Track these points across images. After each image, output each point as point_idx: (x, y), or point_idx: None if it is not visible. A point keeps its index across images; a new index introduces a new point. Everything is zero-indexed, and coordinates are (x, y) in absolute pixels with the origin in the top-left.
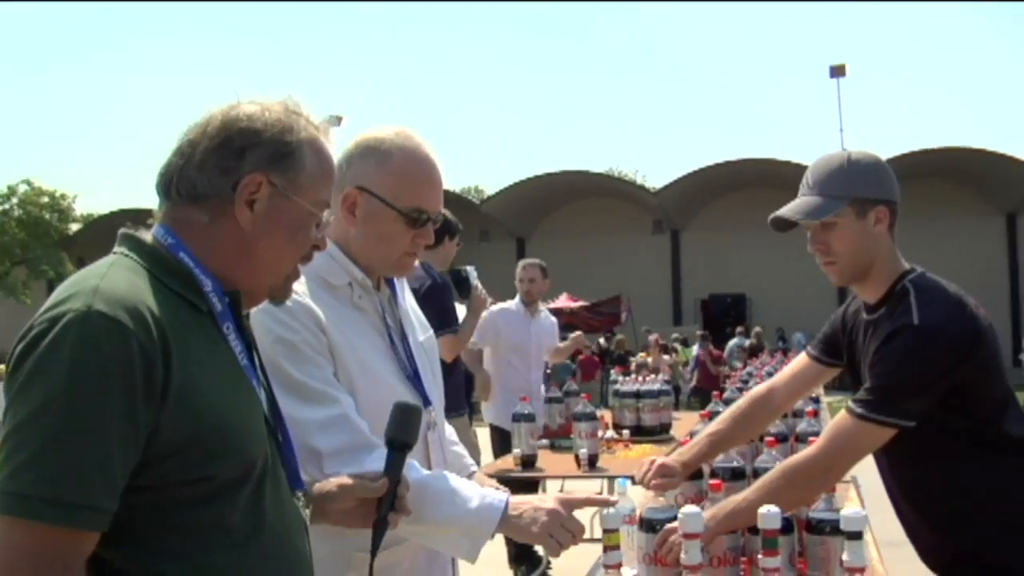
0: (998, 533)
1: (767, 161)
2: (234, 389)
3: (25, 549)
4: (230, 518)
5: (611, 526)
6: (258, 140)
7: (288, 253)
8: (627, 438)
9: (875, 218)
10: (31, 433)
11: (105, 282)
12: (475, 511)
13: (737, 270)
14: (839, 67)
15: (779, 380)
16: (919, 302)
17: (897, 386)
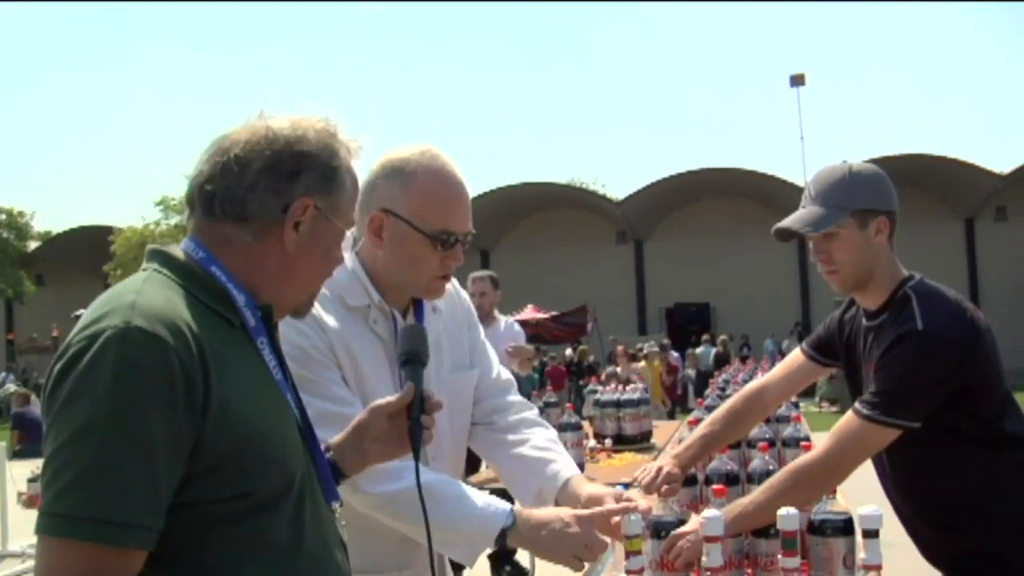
0: (1000, 527)
1: (729, 170)
2: (270, 403)
3: (76, 570)
4: (272, 533)
5: (633, 532)
6: (310, 164)
7: (320, 272)
8: (610, 447)
9: (876, 228)
10: (76, 453)
11: (142, 298)
12: (478, 519)
13: (701, 279)
14: (799, 76)
15: (772, 378)
16: (922, 308)
17: (903, 389)
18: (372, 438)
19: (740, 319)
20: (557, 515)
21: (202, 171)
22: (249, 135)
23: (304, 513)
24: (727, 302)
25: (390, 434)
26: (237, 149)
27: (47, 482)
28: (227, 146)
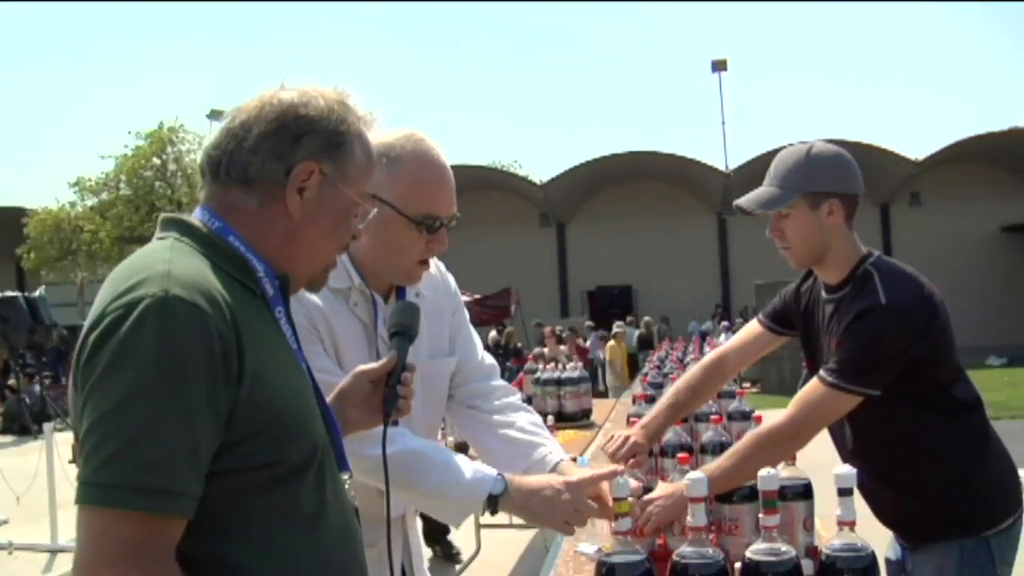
0: (953, 488)
1: (651, 154)
2: (293, 373)
3: (124, 539)
4: (298, 501)
5: (621, 495)
6: (313, 128)
7: (331, 242)
8: (551, 424)
9: (827, 210)
10: (120, 422)
11: (175, 267)
12: (465, 484)
13: (623, 262)
14: (720, 62)
15: (730, 348)
16: (884, 284)
17: (866, 359)
18: (355, 404)
19: (661, 302)
20: (548, 482)
21: (213, 139)
22: (257, 103)
23: (325, 481)
24: (649, 285)
25: (372, 400)
26: (243, 116)
27: (89, 452)
28: (235, 114)
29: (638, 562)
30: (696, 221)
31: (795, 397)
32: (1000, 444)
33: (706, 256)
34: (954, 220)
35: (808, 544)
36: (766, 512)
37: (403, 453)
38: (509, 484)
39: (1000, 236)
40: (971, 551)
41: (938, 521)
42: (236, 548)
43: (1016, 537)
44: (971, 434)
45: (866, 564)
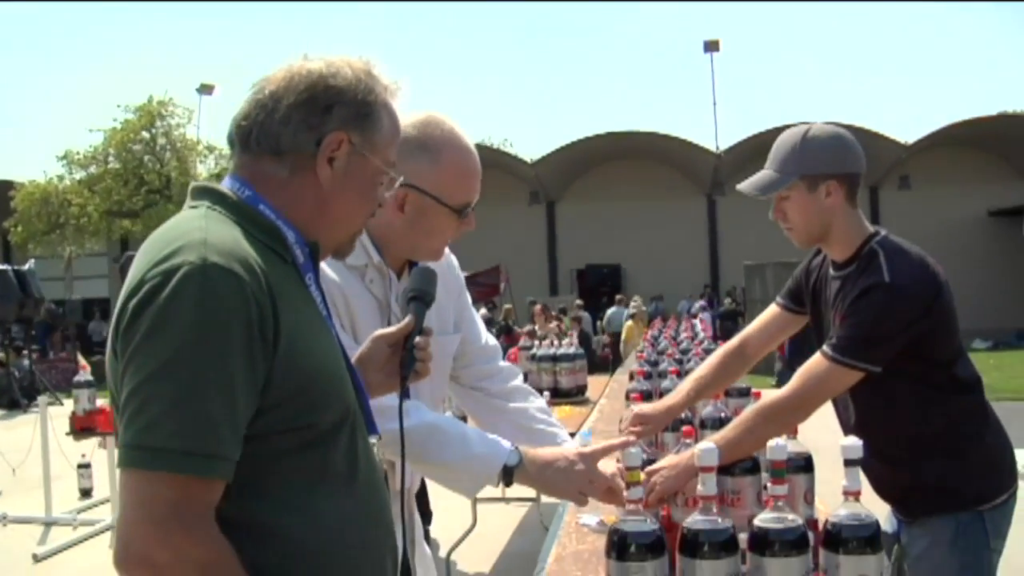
0: (951, 464)
1: (643, 134)
2: (325, 338)
3: (167, 500)
4: (331, 463)
5: (633, 464)
6: (343, 99)
7: (359, 211)
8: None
9: (825, 192)
10: (162, 386)
11: (211, 235)
12: (480, 456)
13: (613, 240)
14: (713, 42)
15: (751, 331)
16: (889, 262)
17: (869, 335)
18: (375, 369)
19: (651, 280)
20: (562, 453)
21: (241, 109)
22: (285, 73)
23: (357, 443)
24: (638, 264)
25: (391, 365)
26: (272, 86)
27: (131, 416)
28: (263, 85)
29: (650, 531)
30: (686, 201)
31: (798, 371)
32: (997, 422)
33: (695, 236)
34: (943, 204)
35: (808, 517)
36: (774, 482)
37: (419, 426)
38: (524, 456)
39: (988, 220)
40: (966, 525)
41: (935, 495)
42: (271, 510)
43: (1010, 512)
44: (970, 412)
45: (870, 534)
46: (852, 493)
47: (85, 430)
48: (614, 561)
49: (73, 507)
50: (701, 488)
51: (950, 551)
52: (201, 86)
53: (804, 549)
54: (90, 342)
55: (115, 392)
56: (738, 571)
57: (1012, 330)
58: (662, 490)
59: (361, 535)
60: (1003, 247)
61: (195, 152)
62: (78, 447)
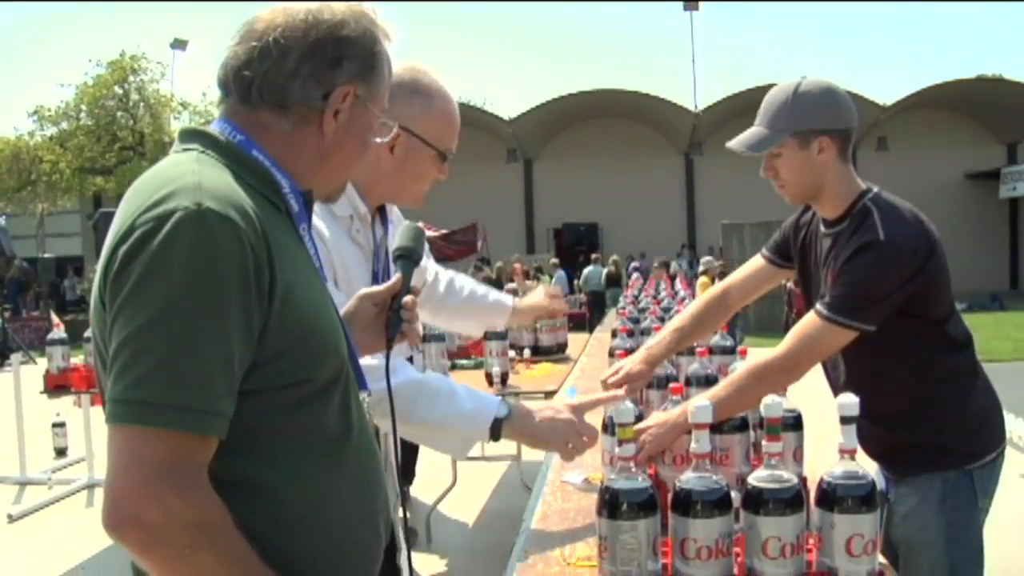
0: (941, 422)
1: (620, 92)
2: (319, 290)
3: (159, 457)
4: (326, 420)
5: (624, 420)
6: (352, 51)
7: (356, 159)
8: (527, 358)
9: (818, 148)
10: (154, 338)
11: (205, 179)
12: (470, 413)
13: (590, 199)
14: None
15: (733, 281)
16: (883, 220)
17: (864, 294)
18: (361, 327)
19: (628, 239)
20: (549, 406)
21: (237, 54)
22: (286, 18)
23: (350, 402)
24: (615, 223)
25: (377, 324)
26: (275, 33)
27: (120, 368)
28: (262, 29)
29: (642, 488)
30: (663, 160)
31: (791, 331)
32: (987, 381)
33: (673, 195)
34: (920, 166)
35: (797, 474)
36: (769, 439)
37: (407, 384)
38: (512, 408)
39: (965, 183)
40: (954, 483)
41: (924, 454)
42: (265, 468)
43: (998, 471)
44: (961, 370)
45: (866, 492)
46: (848, 451)
47: (59, 388)
48: (605, 519)
49: (48, 467)
50: (695, 446)
51: (938, 509)
52: (175, 41)
53: (799, 508)
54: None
55: (102, 344)
56: (731, 530)
57: (987, 292)
58: (651, 448)
59: (354, 497)
60: (979, 210)
61: (169, 108)
62: (52, 406)
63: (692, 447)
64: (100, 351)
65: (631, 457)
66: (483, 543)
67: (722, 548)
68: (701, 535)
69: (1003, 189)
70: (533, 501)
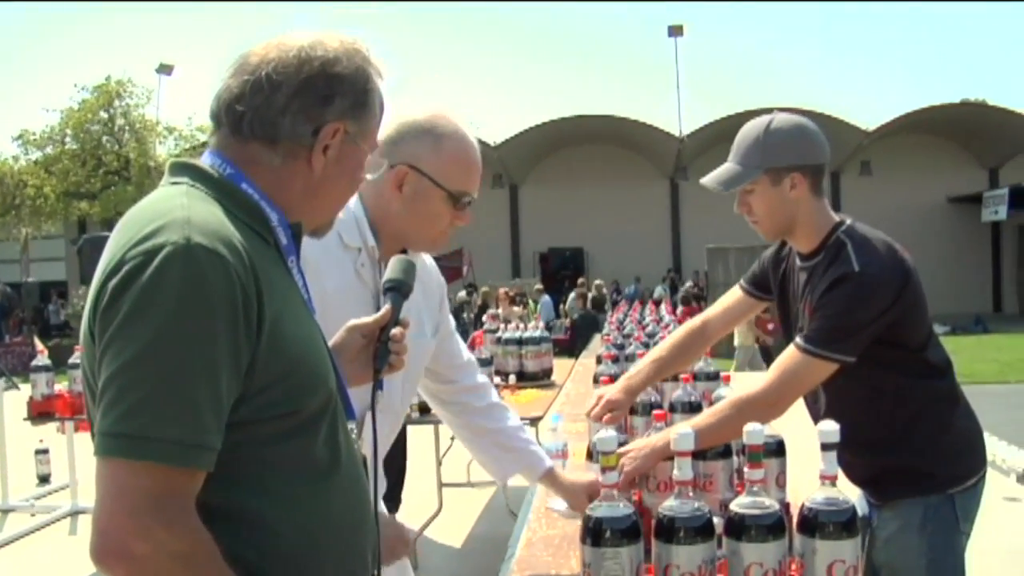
0: (922, 448)
1: (605, 118)
2: (308, 322)
3: (146, 490)
4: (313, 450)
5: (607, 449)
6: (343, 89)
7: (346, 195)
8: (513, 384)
9: (790, 184)
10: (143, 372)
11: (194, 214)
12: None
13: (575, 224)
14: (677, 27)
15: (712, 313)
16: (857, 252)
17: (842, 326)
18: (349, 359)
19: (614, 264)
20: None
21: (230, 88)
22: (279, 54)
23: (338, 431)
24: (601, 248)
25: (365, 355)
26: (268, 68)
27: (109, 402)
28: (256, 63)
29: (625, 515)
30: (649, 185)
31: (773, 365)
32: (967, 406)
33: (658, 220)
34: (903, 190)
35: (780, 500)
36: (751, 466)
37: None
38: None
39: (947, 207)
40: (935, 507)
41: (906, 479)
42: (252, 499)
43: (979, 495)
44: (941, 396)
45: (847, 517)
46: (828, 477)
47: (43, 415)
48: (589, 547)
49: (31, 494)
50: (677, 473)
51: (920, 533)
52: (161, 66)
53: (781, 534)
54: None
55: (91, 377)
56: (714, 556)
57: (970, 315)
58: (631, 471)
59: (343, 526)
60: (962, 233)
61: (154, 133)
62: (35, 432)
63: (675, 474)
64: (90, 383)
65: (614, 484)
66: (469, 569)
67: (705, 574)
68: (684, 561)
69: (985, 213)
70: (518, 527)
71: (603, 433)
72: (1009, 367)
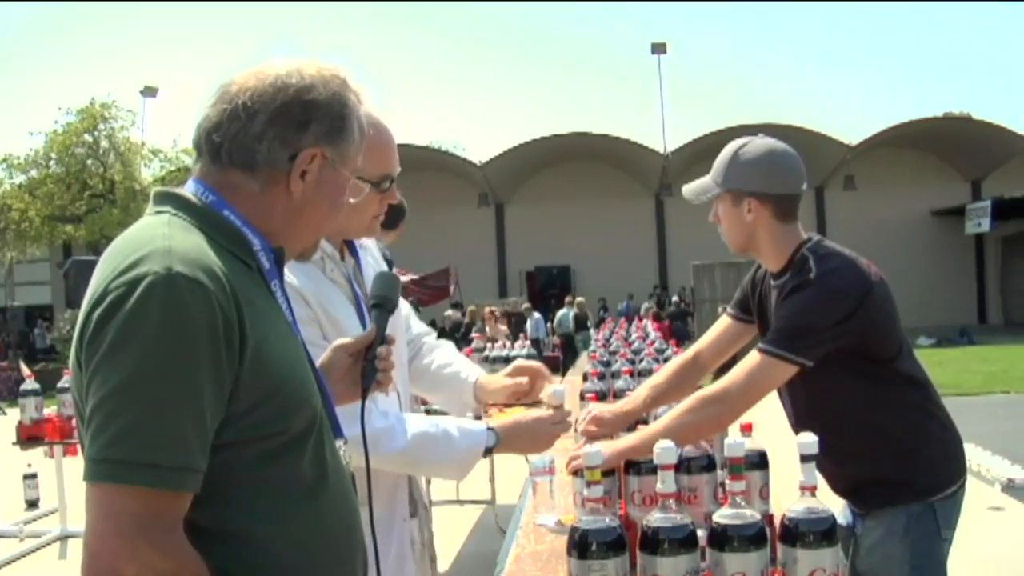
0: (902, 458)
1: (590, 135)
2: (291, 344)
3: (134, 513)
4: (300, 469)
5: (593, 464)
6: (319, 114)
7: (327, 219)
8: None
9: (747, 208)
10: (129, 398)
11: (176, 243)
12: (464, 451)
13: (562, 242)
14: (660, 44)
15: (703, 343)
16: (817, 263)
17: (796, 327)
18: (337, 378)
19: (600, 281)
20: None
21: (209, 117)
22: (257, 82)
23: (324, 448)
24: (587, 265)
25: (353, 374)
26: (245, 97)
27: (96, 429)
28: (234, 92)
29: (610, 528)
30: (634, 202)
31: (736, 366)
32: (946, 415)
33: (644, 237)
34: (887, 204)
35: (764, 512)
36: (732, 478)
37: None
38: (499, 436)
39: (931, 220)
40: (917, 516)
41: (887, 488)
42: (240, 518)
43: (959, 503)
44: (919, 406)
45: (827, 527)
46: (808, 488)
47: (32, 439)
48: (575, 560)
49: (19, 518)
50: (660, 486)
51: (902, 541)
52: (145, 88)
53: (763, 544)
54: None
55: (80, 404)
56: (698, 567)
57: (955, 327)
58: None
59: (330, 543)
60: (946, 246)
61: (139, 155)
62: (23, 457)
63: (658, 487)
64: (79, 410)
65: (599, 499)
66: None
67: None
68: (668, 572)
69: (968, 225)
70: (507, 543)
71: (589, 448)
72: (994, 378)
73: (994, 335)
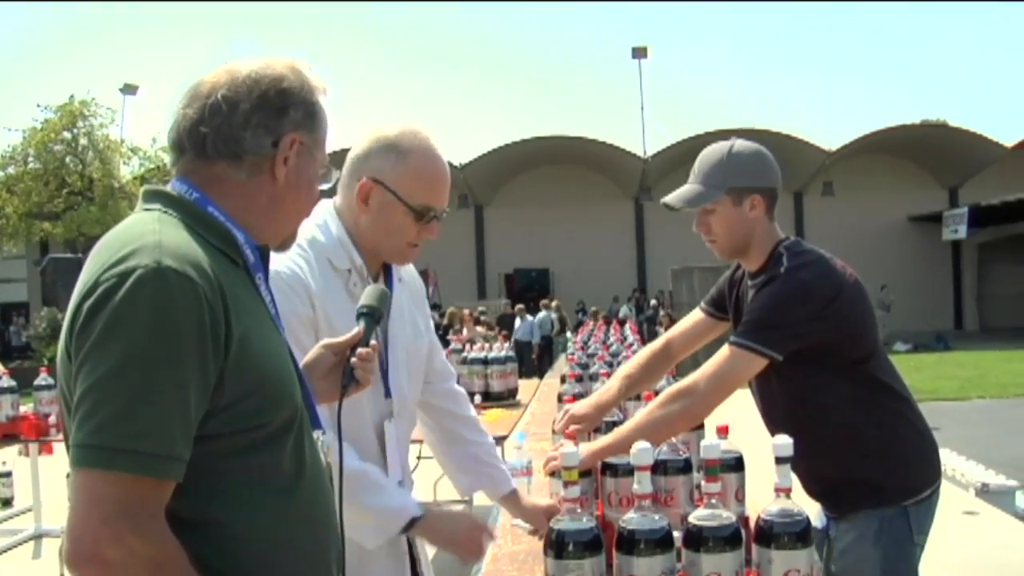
0: (875, 461)
1: (570, 138)
2: (274, 339)
3: (118, 499)
4: (280, 462)
5: (570, 464)
6: (295, 100)
7: (307, 205)
8: (478, 403)
9: (751, 205)
10: (115, 387)
11: (165, 238)
12: (393, 508)
13: (541, 244)
14: (641, 49)
15: (675, 334)
16: (789, 260)
17: (765, 320)
18: (320, 376)
19: (579, 284)
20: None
21: (187, 115)
22: (230, 78)
23: (304, 441)
24: (566, 267)
25: (335, 373)
26: (223, 91)
27: (83, 416)
28: (208, 90)
29: (587, 529)
30: (614, 205)
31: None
32: (921, 419)
33: (623, 240)
34: (865, 210)
35: (740, 514)
36: (708, 480)
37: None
38: (426, 512)
39: (908, 226)
40: (890, 519)
41: (860, 492)
42: (220, 509)
43: (933, 507)
44: (892, 409)
45: (801, 529)
46: (783, 490)
47: (8, 437)
48: (552, 560)
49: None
50: (637, 487)
51: (874, 545)
52: (125, 86)
53: (737, 545)
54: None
55: (67, 393)
56: (673, 567)
57: (932, 332)
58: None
59: (308, 535)
60: (923, 252)
61: (118, 153)
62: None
63: (635, 488)
64: (66, 399)
65: (576, 500)
66: None
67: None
68: (644, 573)
69: (945, 232)
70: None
71: (566, 448)
72: (969, 383)
73: (970, 341)
